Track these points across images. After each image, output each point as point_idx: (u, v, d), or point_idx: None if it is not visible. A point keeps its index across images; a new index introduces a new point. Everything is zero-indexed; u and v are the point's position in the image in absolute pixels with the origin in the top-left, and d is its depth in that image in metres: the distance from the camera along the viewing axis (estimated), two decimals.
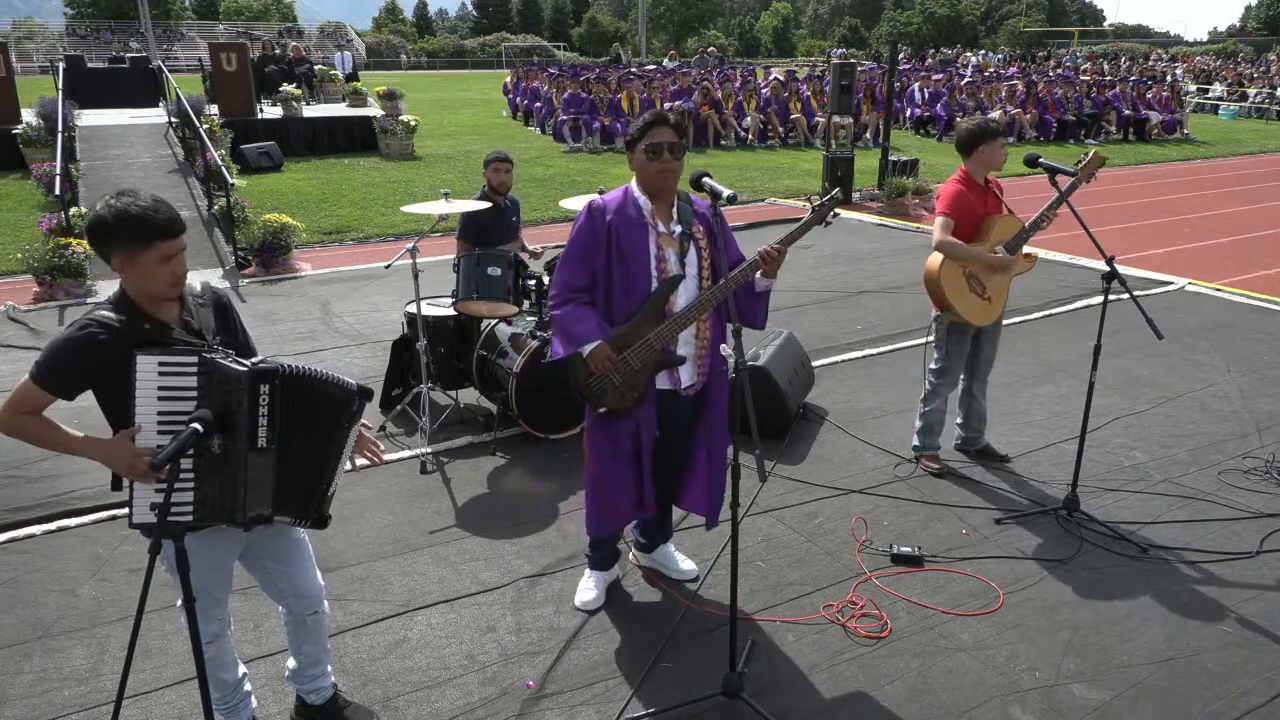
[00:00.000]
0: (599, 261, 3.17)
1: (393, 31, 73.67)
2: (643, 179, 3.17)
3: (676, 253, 3.18)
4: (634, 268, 3.15)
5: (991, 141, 4.33)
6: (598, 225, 3.16)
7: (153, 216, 2.26)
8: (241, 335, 2.59)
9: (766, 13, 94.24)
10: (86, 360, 2.27)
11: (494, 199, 5.51)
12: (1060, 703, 3.07)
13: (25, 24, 69.97)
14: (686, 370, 3.25)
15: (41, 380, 2.28)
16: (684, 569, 3.79)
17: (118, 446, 2.26)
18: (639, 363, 3.15)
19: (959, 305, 4.36)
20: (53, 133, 12.85)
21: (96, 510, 4.33)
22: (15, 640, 3.38)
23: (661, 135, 3.10)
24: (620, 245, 3.14)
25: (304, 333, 7.04)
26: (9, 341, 6.80)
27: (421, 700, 3.09)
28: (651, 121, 3.12)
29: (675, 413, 3.32)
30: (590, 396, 3.21)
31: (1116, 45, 59.90)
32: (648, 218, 3.18)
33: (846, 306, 7.80)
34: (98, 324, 2.27)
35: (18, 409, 2.31)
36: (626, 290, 3.17)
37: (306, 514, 2.54)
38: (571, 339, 3.14)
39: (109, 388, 2.31)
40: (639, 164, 3.14)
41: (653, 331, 3.12)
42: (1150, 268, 9.06)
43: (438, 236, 7.22)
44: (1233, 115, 28.43)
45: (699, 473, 3.38)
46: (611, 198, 3.23)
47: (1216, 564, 3.88)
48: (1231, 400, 5.70)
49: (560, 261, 3.24)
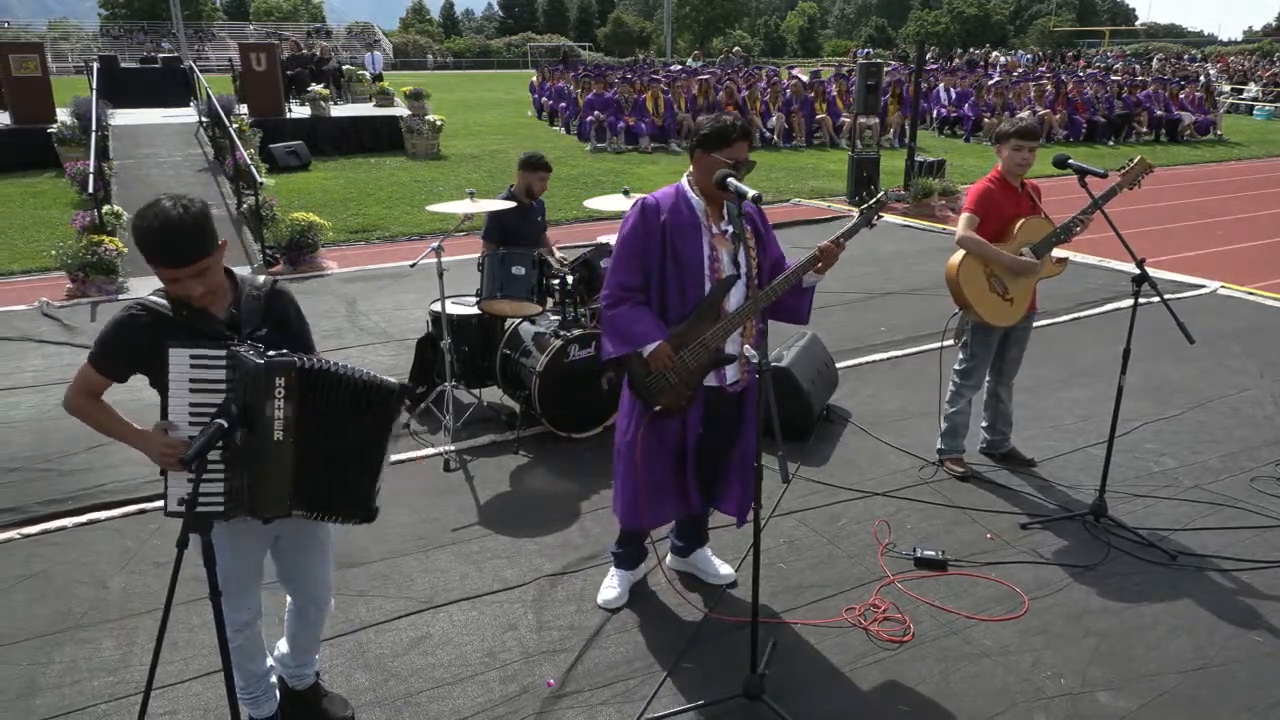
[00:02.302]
0: (652, 261, 3.15)
1: (420, 32, 74.21)
2: (707, 182, 3.09)
3: (729, 252, 3.18)
4: (689, 268, 3.14)
5: (1005, 143, 4.29)
6: (651, 224, 3.14)
7: (158, 244, 2.25)
8: (295, 330, 2.60)
9: (792, 12, 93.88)
10: (132, 341, 2.35)
11: (523, 201, 5.50)
12: (1085, 711, 3.03)
13: (60, 24, 71.25)
14: (732, 368, 3.27)
15: (95, 361, 2.39)
16: (722, 574, 3.75)
17: (150, 438, 2.34)
18: (694, 362, 3.16)
19: (978, 305, 4.31)
20: (86, 132, 13.07)
21: (126, 504, 4.39)
22: (46, 630, 3.45)
23: (743, 152, 3.07)
24: (675, 246, 3.13)
25: (330, 330, 7.11)
26: (43, 337, 6.92)
27: (443, 697, 3.11)
28: (740, 136, 3.06)
29: (721, 410, 3.33)
30: (647, 395, 3.22)
31: (1148, 45, 59.08)
32: (701, 218, 3.16)
33: (871, 308, 7.75)
34: (141, 306, 2.37)
35: (80, 390, 2.43)
36: (681, 290, 3.16)
37: (335, 509, 2.54)
38: (629, 338, 3.14)
39: (155, 373, 2.37)
40: (706, 168, 3.06)
41: (709, 331, 3.13)
42: (1182, 271, 8.92)
43: (462, 236, 7.25)
44: (1268, 116, 27.91)
45: (735, 472, 3.41)
46: (663, 196, 3.19)
47: (1247, 572, 3.82)
48: (1264, 406, 5.60)
49: (613, 261, 3.21)
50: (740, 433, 3.38)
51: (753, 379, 3.35)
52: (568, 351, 4.88)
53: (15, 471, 4.73)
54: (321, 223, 9.26)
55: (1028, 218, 4.32)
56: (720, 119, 3.10)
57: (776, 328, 3.57)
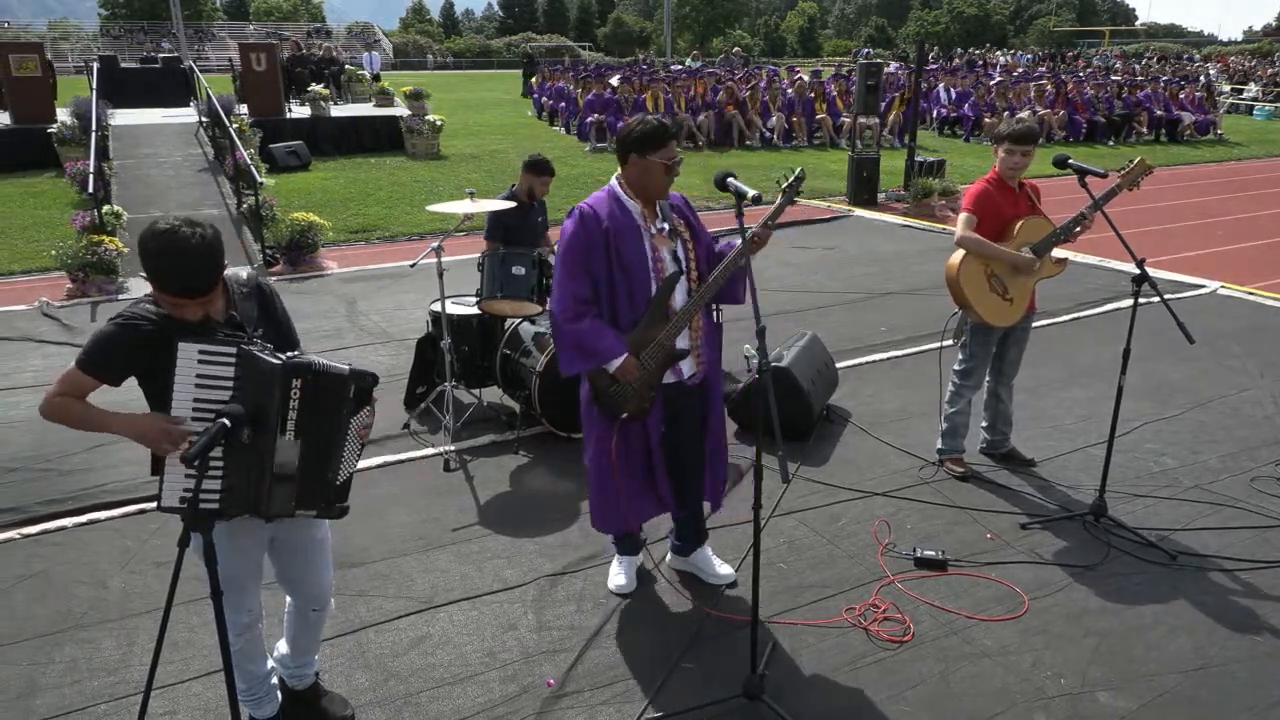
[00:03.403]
0: (598, 268, 3.18)
1: (420, 32, 74.21)
2: (644, 184, 3.16)
3: (669, 250, 3.23)
4: (635, 272, 3.17)
5: (1001, 145, 4.30)
6: (593, 231, 3.15)
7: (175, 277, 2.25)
8: (284, 325, 2.62)
9: (792, 12, 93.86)
10: (130, 347, 2.35)
11: (522, 200, 5.51)
12: (1085, 711, 3.03)
13: (61, 24, 71.22)
14: (687, 362, 3.32)
15: (85, 366, 2.37)
16: (721, 573, 3.76)
17: (144, 421, 2.34)
18: (652, 363, 3.21)
19: (978, 305, 4.32)
20: (86, 132, 13.07)
21: (126, 504, 4.39)
22: (46, 630, 3.45)
23: (674, 151, 3.15)
24: (619, 252, 3.15)
25: (330, 330, 7.11)
26: (42, 336, 6.93)
27: (443, 696, 3.11)
28: (669, 136, 3.14)
29: (682, 405, 3.38)
30: (613, 404, 3.25)
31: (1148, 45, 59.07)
32: (639, 220, 3.20)
33: (871, 308, 7.75)
34: (141, 316, 2.36)
35: (62, 392, 2.41)
36: (629, 295, 3.20)
37: (321, 504, 2.55)
38: (595, 354, 3.16)
39: (151, 375, 2.37)
40: (650, 171, 3.13)
41: (662, 331, 3.18)
42: (1182, 271, 8.92)
43: (462, 236, 7.26)
44: (1268, 116, 27.92)
45: (705, 461, 3.49)
46: (597, 202, 3.20)
47: (1248, 572, 3.82)
48: (1264, 406, 5.60)
49: (559, 273, 3.20)
50: (708, 426, 3.45)
51: (711, 369, 3.41)
52: None
53: (15, 471, 4.73)
54: (321, 223, 9.26)
55: (1028, 218, 4.32)
56: (647, 120, 3.15)
57: (776, 328, 3.57)
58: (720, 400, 3.51)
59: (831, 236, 10.71)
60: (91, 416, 2.42)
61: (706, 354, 3.38)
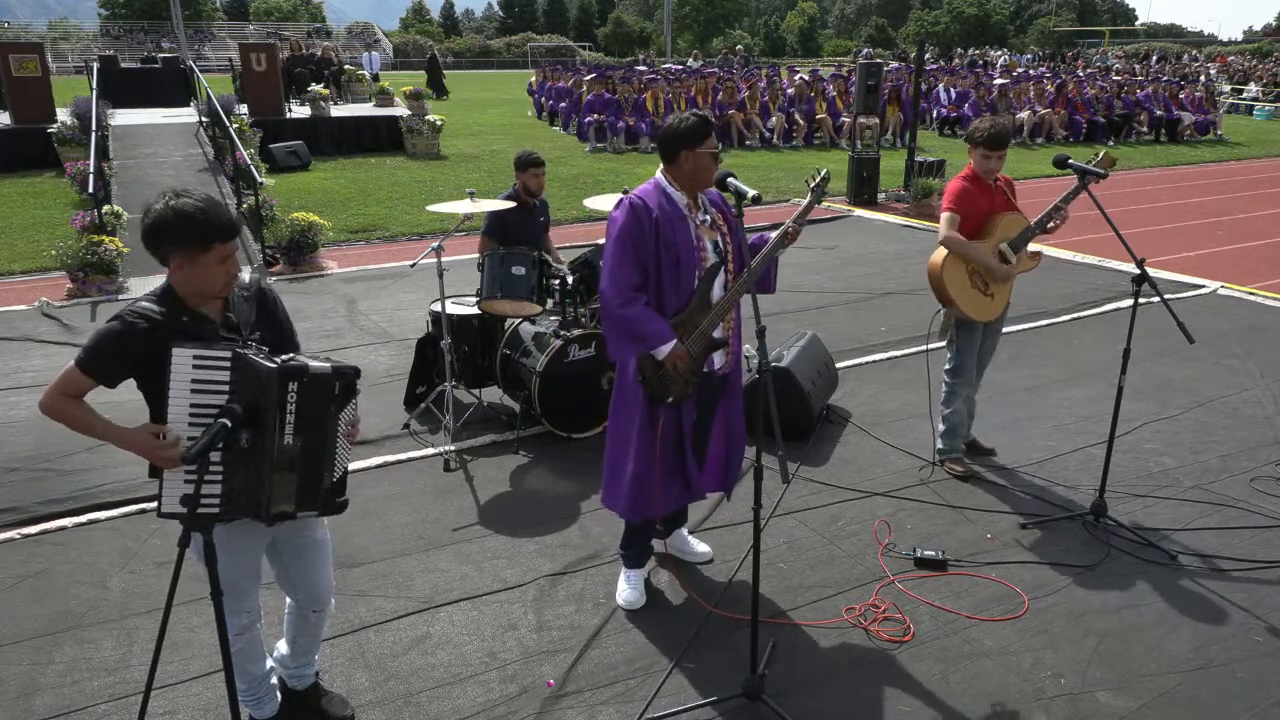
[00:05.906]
0: (648, 256, 3.24)
1: (420, 32, 74.20)
2: (694, 176, 3.25)
3: (711, 241, 3.31)
4: (682, 261, 3.25)
5: (975, 149, 4.33)
6: (644, 221, 3.22)
7: (213, 219, 2.32)
8: (285, 329, 2.63)
9: (792, 12, 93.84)
10: (128, 348, 2.35)
11: (524, 200, 5.50)
12: (1085, 711, 3.03)
13: (60, 24, 71.22)
14: (719, 354, 3.40)
15: (84, 365, 2.37)
16: (699, 551, 3.91)
17: (136, 436, 2.34)
18: (696, 350, 3.28)
19: (961, 301, 4.36)
20: (86, 132, 13.07)
21: (126, 504, 4.39)
22: (46, 630, 3.45)
23: (715, 141, 3.27)
24: (667, 240, 3.23)
25: (330, 330, 7.11)
26: (43, 337, 6.93)
27: (443, 696, 3.11)
28: (711, 128, 3.26)
29: (707, 395, 3.44)
30: (659, 389, 3.30)
31: (1148, 45, 59.07)
32: (685, 211, 3.28)
33: (871, 308, 7.75)
34: (139, 315, 2.36)
35: (60, 391, 2.41)
36: (675, 283, 3.27)
37: (321, 503, 2.55)
38: (644, 339, 3.21)
39: (149, 377, 2.38)
40: (698, 163, 3.21)
41: (705, 319, 3.27)
42: (1182, 271, 8.91)
43: (462, 236, 7.26)
44: (1268, 116, 27.92)
45: (719, 452, 3.56)
46: (645, 193, 3.28)
47: (1248, 572, 3.82)
48: (1264, 406, 5.60)
49: (612, 260, 3.26)
50: (725, 409, 3.53)
51: (737, 362, 3.52)
52: (568, 351, 4.88)
53: (15, 471, 4.73)
54: (321, 223, 9.26)
55: (1005, 214, 4.37)
56: (687, 117, 3.25)
57: (776, 328, 3.58)
58: (740, 392, 3.59)
59: (831, 236, 10.71)
60: (89, 422, 2.42)
61: (735, 345, 3.48)
